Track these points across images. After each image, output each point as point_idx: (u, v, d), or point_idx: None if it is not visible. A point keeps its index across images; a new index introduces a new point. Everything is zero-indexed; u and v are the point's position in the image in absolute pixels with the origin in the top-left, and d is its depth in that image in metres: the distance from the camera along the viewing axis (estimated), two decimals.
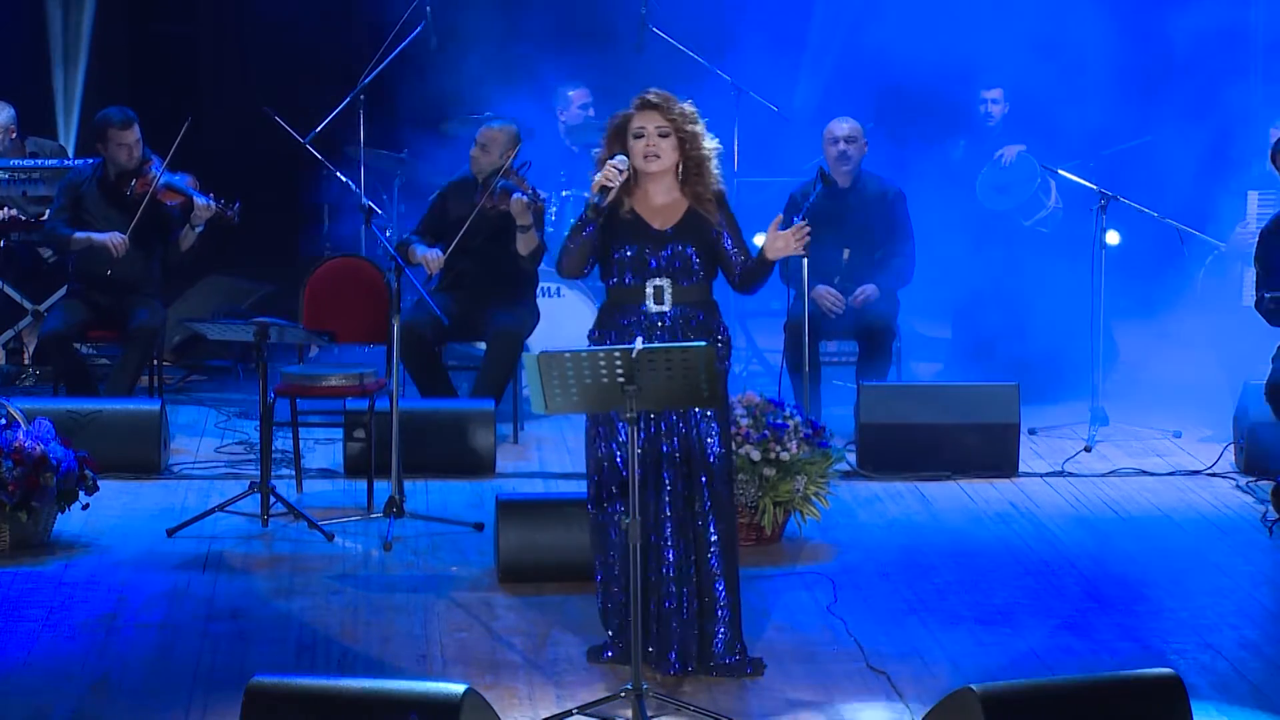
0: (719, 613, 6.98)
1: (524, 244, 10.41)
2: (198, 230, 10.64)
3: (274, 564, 8.40)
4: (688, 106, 7.03)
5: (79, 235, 10.64)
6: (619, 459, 6.97)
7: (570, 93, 12.27)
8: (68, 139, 13.12)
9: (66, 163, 11.70)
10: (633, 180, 7.00)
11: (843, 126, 11.02)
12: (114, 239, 10.57)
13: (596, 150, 7.11)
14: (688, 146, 7.00)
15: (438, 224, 10.66)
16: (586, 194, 7.02)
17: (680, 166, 7.01)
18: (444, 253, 10.46)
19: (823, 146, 11.12)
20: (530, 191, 10.35)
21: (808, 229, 7.01)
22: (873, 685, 6.91)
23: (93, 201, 10.76)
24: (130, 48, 13.02)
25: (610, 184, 6.90)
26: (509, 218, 10.43)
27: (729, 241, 7.05)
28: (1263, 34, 12.10)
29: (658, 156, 6.97)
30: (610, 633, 7.08)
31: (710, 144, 7.03)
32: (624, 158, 6.95)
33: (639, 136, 6.98)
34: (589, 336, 7.12)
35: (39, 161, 11.76)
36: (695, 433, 6.98)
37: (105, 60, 12.93)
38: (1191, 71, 11.87)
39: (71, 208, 10.75)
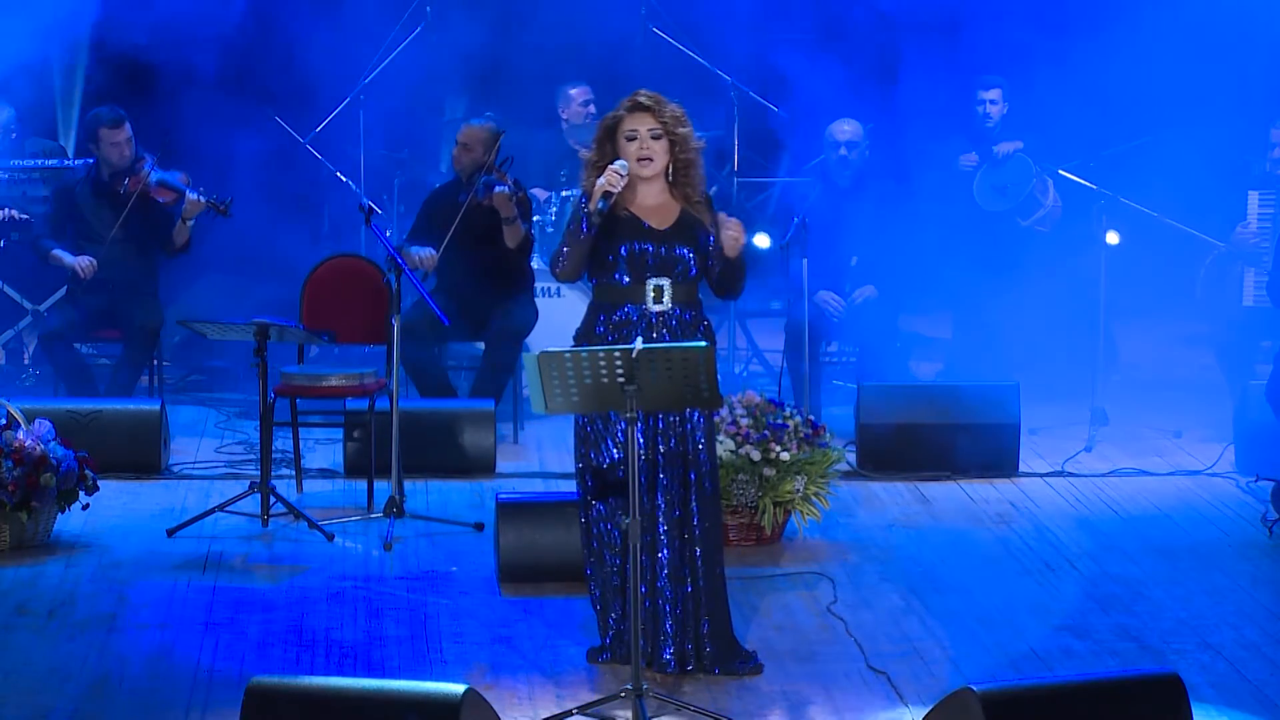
0: (705, 611, 6.99)
1: (510, 236, 10.45)
2: (190, 224, 10.66)
3: (274, 564, 8.40)
4: (677, 108, 7.04)
5: (55, 252, 10.74)
6: (615, 458, 6.97)
7: (571, 91, 12.26)
8: (68, 139, 13.11)
9: (66, 163, 11.71)
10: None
11: (844, 128, 11.04)
12: (81, 263, 10.69)
13: (585, 152, 7.10)
14: (678, 149, 7.01)
15: (427, 229, 10.68)
16: (573, 193, 7.00)
17: (670, 167, 7.02)
18: (437, 250, 10.49)
19: (824, 148, 11.15)
20: (512, 184, 10.39)
21: (734, 220, 7.00)
22: (873, 685, 6.91)
23: (87, 202, 10.78)
24: (130, 48, 13.01)
25: (613, 189, 6.90)
26: (498, 215, 10.45)
27: (716, 246, 7.06)
28: (1263, 34, 12.09)
29: (651, 159, 6.99)
30: (608, 635, 7.08)
31: (697, 144, 7.05)
32: (624, 163, 6.95)
33: (631, 139, 6.98)
34: (576, 338, 7.09)
35: (39, 161, 11.76)
36: (688, 428, 6.99)
37: (105, 60, 12.91)
38: (1192, 71, 11.87)
39: (62, 215, 10.82)
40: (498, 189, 10.34)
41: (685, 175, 7.04)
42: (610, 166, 6.93)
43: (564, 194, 11.64)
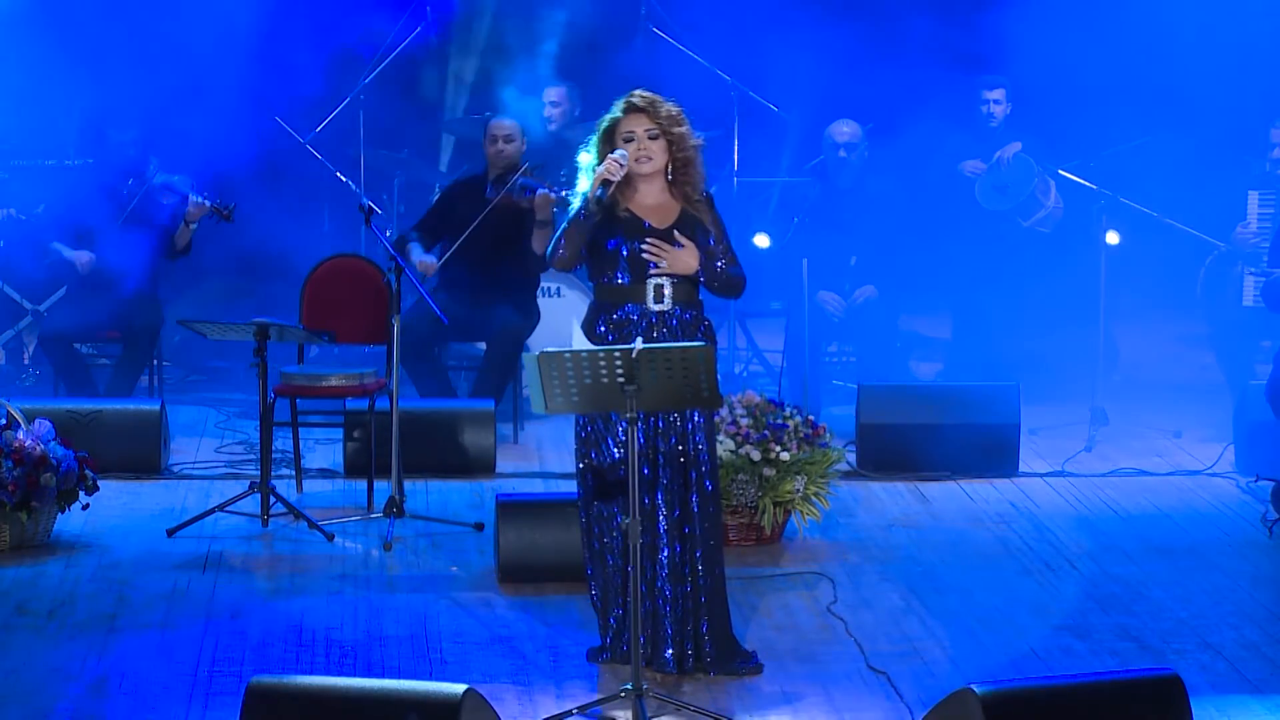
0: (705, 612, 6.99)
1: (540, 240, 10.44)
2: (193, 228, 10.68)
3: (274, 564, 8.40)
4: (673, 107, 7.04)
5: (53, 245, 10.78)
6: (615, 457, 6.97)
7: (546, 92, 12.19)
8: (69, 140, 13.11)
9: (66, 163, 11.71)
10: (624, 181, 7.00)
11: (843, 130, 11.05)
12: (80, 257, 10.70)
13: (583, 153, 7.09)
14: (675, 147, 7.01)
15: (442, 221, 10.67)
16: (568, 193, 7.00)
17: (669, 166, 7.02)
18: (439, 258, 10.49)
19: (824, 148, 11.15)
20: (554, 188, 10.41)
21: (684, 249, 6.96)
22: (873, 685, 6.91)
23: (92, 202, 10.82)
24: (130, 48, 13.02)
25: (612, 178, 6.91)
26: (516, 218, 10.47)
27: (716, 246, 7.05)
28: (1262, 34, 12.10)
29: (649, 159, 6.99)
30: (608, 635, 7.08)
31: (695, 141, 7.04)
32: (624, 152, 6.95)
33: (629, 140, 6.98)
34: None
35: (39, 162, 11.77)
36: (688, 428, 6.99)
37: (106, 61, 12.92)
38: (1192, 71, 11.87)
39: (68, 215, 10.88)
40: (540, 190, 10.35)
41: (684, 174, 7.04)
42: (610, 155, 6.94)
43: (563, 194, 11.65)
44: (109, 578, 8.14)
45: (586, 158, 7.07)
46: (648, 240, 6.95)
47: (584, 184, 7.03)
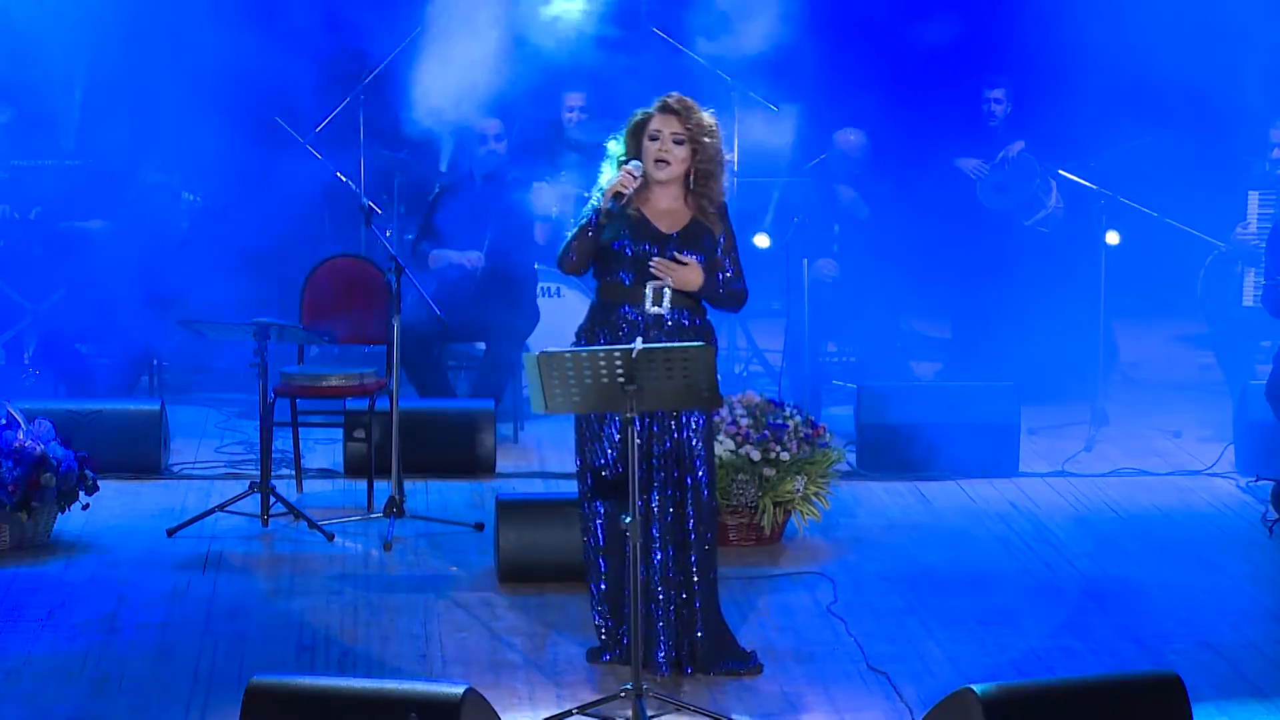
0: (700, 616, 6.99)
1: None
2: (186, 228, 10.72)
3: (274, 564, 8.40)
4: (707, 117, 6.99)
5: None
6: (609, 458, 6.97)
7: (566, 96, 12.21)
8: (70, 140, 13.11)
9: (66, 162, 11.72)
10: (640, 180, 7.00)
11: (849, 138, 11.06)
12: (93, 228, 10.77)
13: (612, 142, 7.06)
14: (699, 157, 6.98)
15: (441, 225, 10.70)
16: (585, 192, 6.99)
17: (690, 175, 7.00)
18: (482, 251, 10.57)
19: (828, 152, 11.17)
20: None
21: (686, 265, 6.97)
22: (873, 685, 6.91)
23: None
24: (131, 48, 13.02)
25: (625, 190, 6.89)
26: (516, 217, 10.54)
27: (723, 257, 7.04)
28: (1262, 34, 12.10)
29: (668, 163, 6.95)
30: (607, 635, 7.08)
31: (722, 156, 7.01)
32: (639, 164, 6.93)
33: (654, 139, 6.96)
34: (577, 335, 7.09)
35: (39, 161, 11.78)
36: (685, 433, 6.99)
37: (107, 61, 12.93)
38: (1192, 72, 11.87)
39: None
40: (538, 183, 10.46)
41: (704, 185, 7.01)
42: (625, 166, 6.92)
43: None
44: (109, 578, 8.14)
45: (615, 146, 7.05)
46: (655, 260, 6.92)
47: (607, 173, 7.00)
